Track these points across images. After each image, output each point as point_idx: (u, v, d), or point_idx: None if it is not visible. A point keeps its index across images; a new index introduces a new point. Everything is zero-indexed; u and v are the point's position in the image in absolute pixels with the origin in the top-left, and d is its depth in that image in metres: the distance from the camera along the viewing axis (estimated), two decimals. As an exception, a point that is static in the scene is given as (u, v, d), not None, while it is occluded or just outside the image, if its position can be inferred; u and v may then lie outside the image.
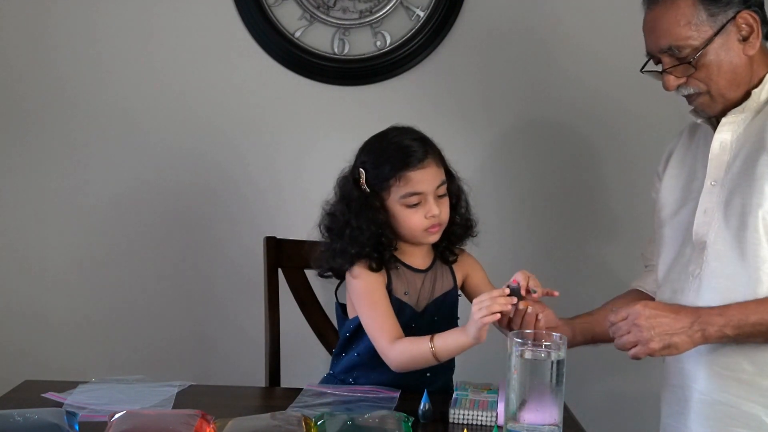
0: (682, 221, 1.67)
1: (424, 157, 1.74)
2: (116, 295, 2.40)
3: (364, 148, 1.81)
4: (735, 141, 1.58)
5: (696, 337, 1.47)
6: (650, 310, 1.48)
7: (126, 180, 2.39)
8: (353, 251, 1.76)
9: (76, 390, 1.71)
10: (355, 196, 1.77)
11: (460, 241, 1.87)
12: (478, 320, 1.56)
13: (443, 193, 1.78)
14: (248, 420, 1.44)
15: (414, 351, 1.68)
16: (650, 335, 1.45)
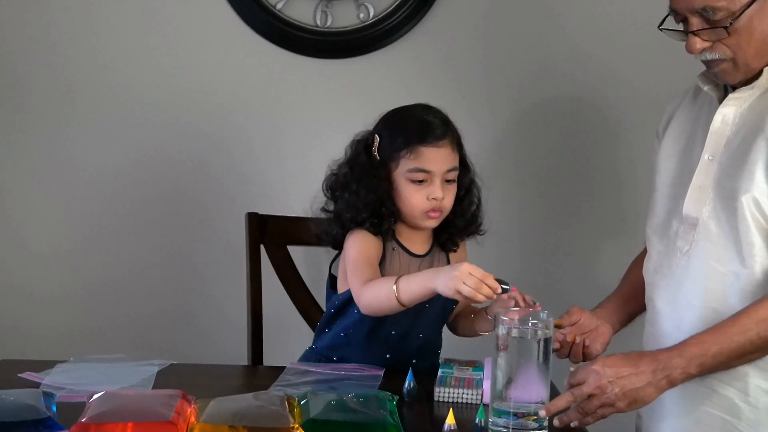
0: (673, 191, 1.62)
1: (442, 136, 1.70)
2: (96, 273, 2.36)
3: (384, 117, 1.78)
4: (738, 117, 1.53)
5: (662, 385, 1.42)
6: (610, 370, 1.40)
7: (106, 158, 2.34)
8: (348, 216, 1.73)
9: (54, 370, 1.67)
10: (362, 161, 1.74)
11: (462, 234, 1.83)
12: (456, 287, 1.48)
13: (452, 179, 1.74)
14: (230, 400, 1.41)
15: (379, 288, 1.62)
16: (615, 396, 1.39)
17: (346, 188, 1.74)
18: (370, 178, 1.72)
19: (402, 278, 1.60)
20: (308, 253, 2.26)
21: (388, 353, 1.76)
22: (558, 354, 1.64)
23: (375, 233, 1.73)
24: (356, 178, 1.73)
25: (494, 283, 1.49)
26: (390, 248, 1.77)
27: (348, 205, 1.73)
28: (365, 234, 1.73)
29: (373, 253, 1.73)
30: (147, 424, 1.30)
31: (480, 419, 1.39)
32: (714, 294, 1.50)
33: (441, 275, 1.54)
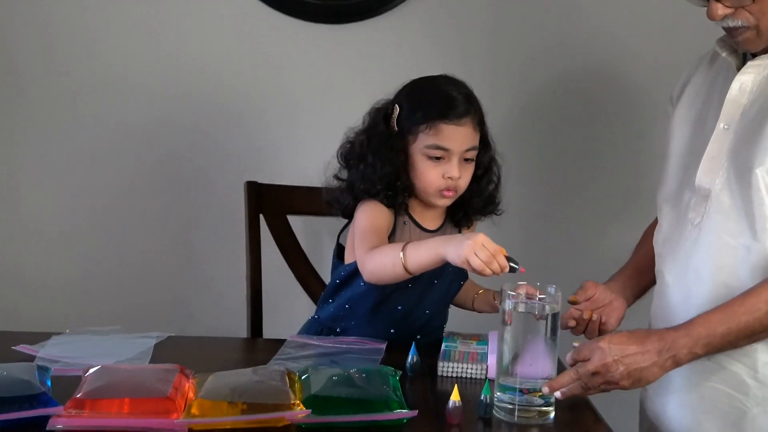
0: (686, 160, 1.58)
1: (464, 114, 1.64)
2: (92, 243, 2.31)
3: (407, 87, 1.72)
4: (756, 85, 1.47)
5: (667, 365, 1.39)
6: (616, 348, 1.37)
7: (103, 129, 2.28)
8: (361, 187, 1.68)
9: (49, 342, 1.64)
10: (380, 132, 1.69)
11: (478, 214, 1.78)
12: (467, 257, 1.42)
13: (470, 158, 1.68)
14: (229, 375, 1.38)
15: (385, 255, 1.57)
16: (620, 374, 1.37)
17: (361, 159, 1.69)
18: (387, 149, 1.66)
19: (410, 245, 1.54)
20: (308, 223, 2.23)
21: (393, 328, 1.73)
22: (573, 331, 1.62)
23: (388, 205, 1.69)
24: (373, 148, 1.68)
25: (504, 261, 1.43)
26: (401, 222, 1.72)
27: (363, 177, 1.68)
28: (377, 204, 1.68)
29: (384, 224, 1.68)
30: (144, 400, 1.27)
31: (485, 395, 1.36)
32: (724, 268, 1.46)
33: (452, 243, 1.48)
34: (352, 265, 1.71)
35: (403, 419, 1.31)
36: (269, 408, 1.27)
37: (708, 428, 1.49)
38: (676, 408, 1.55)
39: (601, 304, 1.61)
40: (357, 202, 1.71)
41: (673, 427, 1.55)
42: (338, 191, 1.74)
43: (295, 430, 1.28)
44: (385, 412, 1.30)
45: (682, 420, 1.53)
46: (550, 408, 1.38)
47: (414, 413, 1.30)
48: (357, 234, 1.67)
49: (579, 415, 1.42)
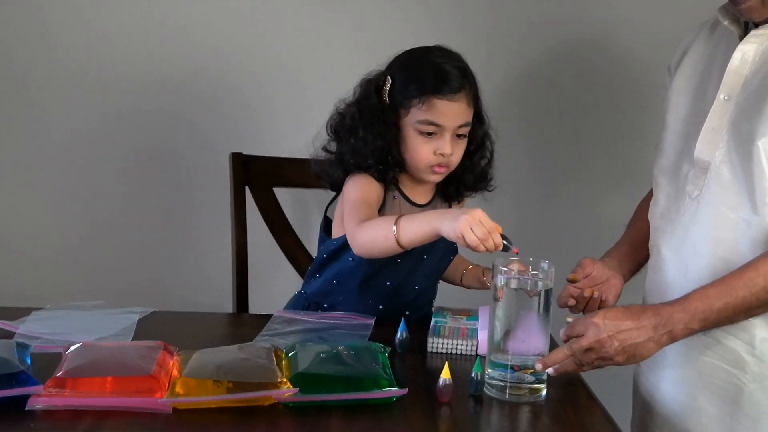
0: (684, 131, 1.54)
1: (458, 89, 1.59)
2: (73, 216, 2.26)
3: (400, 58, 1.66)
4: (759, 55, 1.43)
5: (663, 341, 1.36)
6: (611, 323, 1.34)
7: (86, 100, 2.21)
8: (352, 161, 1.64)
9: (30, 318, 1.60)
10: (372, 104, 1.64)
11: (470, 190, 1.75)
12: (463, 232, 1.37)
13: (463, 134, 1.64)
14: (214, 352, 1.35)
15: (377, 228, 1.52)
16: (614, 350, 1.34)
17: (352, 132, 1.64)
18: (378, 122, 1.62)
19: (403, 218, 1.49)
20: (296, 196, 2.19)
21: (381, 304, 1.70)
22: (573, 309, 1.59)
23: (378, 179, 1.65)
24: (364, 121, 1.63)
25: (499, 239, 1.39)
26: (391, 196, 1.69)
27: (353, 150, 1.64)
28: (367, 177, 1.64)
29: (374, 197, 1.64)
30: (127, 378, 1.25)
31: (476, 373, 1.34)
32: (723, 242, 1.43)
33: (447, 217, 1.42)
34: (340, 239, 1.67)
35: (393, 397, 1.28)
36: (255, 386, 1.24)
37: (704, 404, 1.47)
38: (671, 384, 1.53)
39: (599, 281, 1.58)
40: (346, 175, 1.67)
41: (667, 403, 1.53)
42: (327, 164, 1.70)
43: (282, 408, 1.25)
44: (375, 390, 1.27)
45: (677, 396, 1.52)
46: (542, 385, 1.36)
47: (404, 391, 1.28)
48: (346, 207, 1.63)
49: (571, 393, 1.40)
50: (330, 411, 1.25)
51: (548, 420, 1.30)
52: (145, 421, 1.20)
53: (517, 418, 1.30)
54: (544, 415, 1.31)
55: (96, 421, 1.18)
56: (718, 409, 1.46)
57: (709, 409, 1.47)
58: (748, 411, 1.43)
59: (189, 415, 1.22)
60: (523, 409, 1.32)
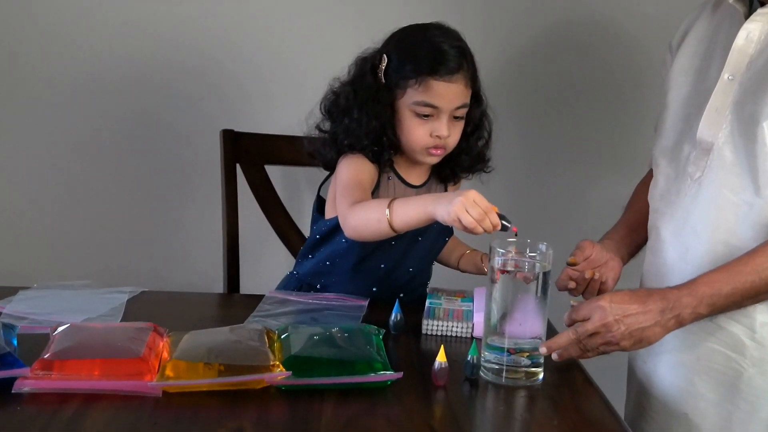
0: (686, 111, 1.51)
1: (456, 70, 1.55)
2: (62, 193, 2.22)
3: (396, 35, 1.61)
4: (765, 35, 1.40)
5: (670, 325, 1.34)
6: (617, 307, 1.32)
7: (75, 74, 2.17)
8: (346, 142, 1.61)
9: (16, 297, 1.57)
10: (367, 84, 1.60)
11: (466, 172, 1.71)
12: (458, 214, 1.33)
13: (460, 116, 1.60)
14: (205, 334, 1.33)
15: (369, 209, 1.48)
16: (621, 334, 1.32)
17: (346, 112, 1.60)
18: (373, 102, 1.58)
19: (396, 201, 1.45)
20: (287, 174, 2.15)
21: (375, 286, 1.68)
22: (572, 292, 1.56)
23: (372, 161, 1.61)
24: (359, 101, 1.59)
25: (496, 219, 1.35)
26: (385, 177, 1.65)
27: (348, 131, 1.60)
28: (361, 158, 1.61)
29: (367, 178, 1.61)
30: (116, 361, 1.22)
31: (472, 356, 1.32)
32: (724, 224, 1.41)
33: (442, 200, 1.38)
34: (333, 220, 1.64)
35: (387, 381, 1.26)
36: (247, 370, 1.22)
37: (702, 389, 1.46)
38: (668, 368, 1.51)
39: (598, 263, 1.55)
40: (339, 155, 1.63)
41: (664, 387, 1.52)
42: (320, 143, 1.67)
43: (275, 392, 1.23)
44: (369, 374, 1.25)
45: (674, 380, 1.50)
46: (539, 369, 1.34)
47: (399, 375, 1.26)
48: (339, 187, 1.60)
49: (568, 377, 1.38)
50: (323, 395, 1.22)
51: (545, 404, 1.28)
52: (135, 404, 1.17)
53: (514, 402, 1.28)
54: (540, 399, 1.29)
55: (84, 405, 1.16)
56: (716, 393, 1.44)
57: (707, 393, 1.45)
58: (746, 396, 1.42)
59: (179, 398, 1.19)
60: (520, 393, 1.30)
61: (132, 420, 1.14)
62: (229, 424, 1.13)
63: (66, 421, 1.12)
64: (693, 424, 1.47)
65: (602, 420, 1.24)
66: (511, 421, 1.24)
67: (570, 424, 1.21)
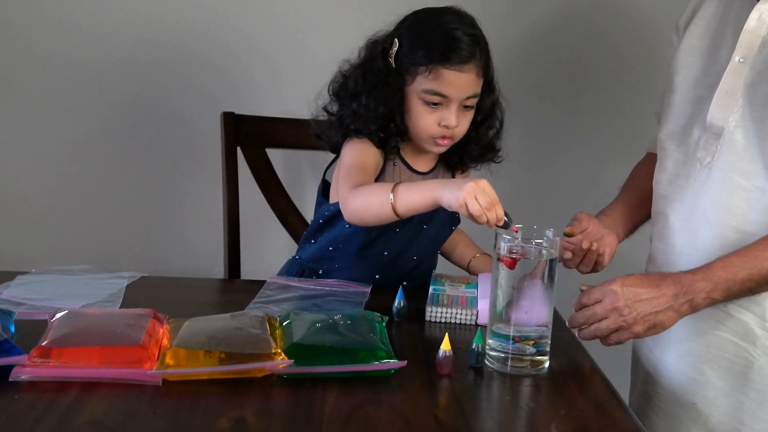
0: (695, 94, 1.48)
1: (468, 59, 1.51)
2: (60, 176, 2.20)
3: (408, 19, 1.58)
4: None
5: (683, 310, 1.33)
6: (629, 289, 1.31)
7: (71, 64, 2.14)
8: (352, 126, 1.58)
9: (14, 282, 1.55)
10: (377, 68, 1.57)
11: (475, 162, 1.68)
12: (466, 200, 1.31)
13: (470, 105, 1.57)
14: (206, 321, 1.31)
15: (372, 193, 1.46)
16: (633, 319, 1.30)
17: (355, 96, 1.57)
18: (383, 87, 1.55)
19: (401, 185, 1.42)
20: (289, 157, 2.13)
21: (378, 273, 1.66)
22: (569, 263, 1.52)
23: (378, 146, 1.59)
24: (368, 86, 1.56)
25: (501, 212, 1.32)
26: (391, 163, 1.63)
27: (355, 115, 1.57)
28: (367, 142, 1.58)
29: (372, 163, 1.58)
30: (115, 348, 1.20)
31: (477, 344, 1.29)
32: (735, 210, 1.39)
33: (450, 186, 1.36)
34: (337, 204, 1.62)
35: (391, 369, 1.24)
36: (249, 358, 1.20)
37: (712, 378, 1.44)
38: (676, 358, 1.49)
39: (595, 238, 1.52)
40: (346, 138, 1.61)
41: (672, 376, 1.50)
42: (327, 125, 1.64)
43: (276, 380, 1.21)
44: (373, 362, 1.23)
45: (683, 370, 1.48)
46: (545, 357, 1.32)
47: (402, 364, 1.24)
48: (342, 170, 1.57)
49: (574, 365, 1.35)
50: (326, 383, 1.20)
51: (551, 393, 1.26)
52: (134, 392, 1.15)
53: (519, 391, 1.26)
54: (546, 387, 1.27)
55: (82, 393, 1.14)
56: (726, 382, 1.43)
57: (717, 382, 1.44)
58: (757, 385, 1.40)
59: (179, 386, 1.17)
60: (525, 382, 1.28)
61: (131, 408, 1.11)
62: (230, 413, 1.11)
63: (64, 409, 1.10)
64: (702, 413, 1.45)
65: (609, 408, 1.22)
66: (517, 410, 1.22)
67: (577, 413, 1.19)
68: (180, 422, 1.09)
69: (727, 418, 1.43)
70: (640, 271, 1.60)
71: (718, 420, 1.43)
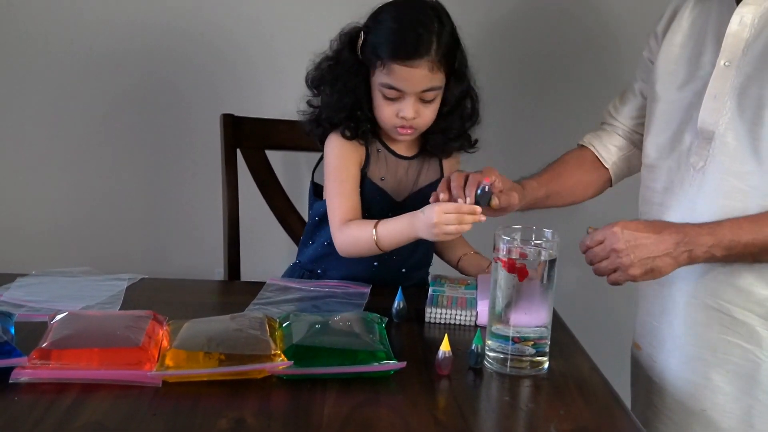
0: (683, 101, 1.48)
1: (419, 55, 1.51)
2: (60, 178, 2.20)
3: (375, 12, 1.59)
4: (758, 18, 1.38)
5: (681, 259, 1.33)
6: (630, 233, 1.32)
7: (73, 63, 2.14)
8: (323, 116, 1.61)
9: (14, 284, 1.55)
10: (345, 59, 1.59)
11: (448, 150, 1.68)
12: (441, 233, 1.42)
13: (430, 99, 1.57)
14: (205, 322, 1.31)
15: (358, 234, 1.54)
16: (630, 260, 1.31)
17: (326, 85, 1.61)
18: (349, 77, 1.58)
19: (380, 224, 1.52)
20: (288, 159, 2.13)
21: (376, 261, 1.65)
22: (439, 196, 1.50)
23: (351, 137, 1.61)
24: (337, 75, 1.59)
25: (471, 207, 1.41)
26: (375, 149, 1.65)
27: (326, 105, 1.61)
28: (341, 144, 1.61)
29: (352, 168, 1.62)
30: (115, 350, 1.20)
31: (476, 345, 1.30)
32: (732, 212, 1.38)
33: (420, 224, 1.46)
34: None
35: (391, 371, 1.24)
36: (248, 359, 1.20)
37: (719, 383, 1.43)
38: (681, 364, 1.48)
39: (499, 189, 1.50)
40: (323, 131, 1.63)
41: (679, 385, 1.49)
42: (308, 120, 1.66)
43: (276, 381, 1.21)
44: (372, 363, 1.23)
45: (689, 376, 1.47)
46: (544, 358, 1.32)
47: (402, 365, 1.24)
48: (326, 174, 1.62)
49: (574, 366, 1.36)
50: (325, 384, 1.21)
51: (550, 394, 1.26)
52: (134, 394, 1.16)
53: (519, 392, 1.26)
54: (546, 388, 1.27)
55: (82, 395, 1.14)
56: (734, 387, 1.42)
57: (725, 387, 1.43)
58: (765, 387, 1.40)
59: (179, 388, 1.18)
60: (524, 383, 1.28)
61: (131, 410, 1.12)
62: (230, 414, 1.11)
63: (64, 411, 1.10)
64: (712, 420, 1.44)
65: (609, 409, 1.22)
66: (517, 410, 1.22)
67: (576, 414, 1.19)
68: (180, 424, 1.09)
69: (738, 423, 1.42)
70: None
71: (729, 425, 1.42)
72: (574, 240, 1.51)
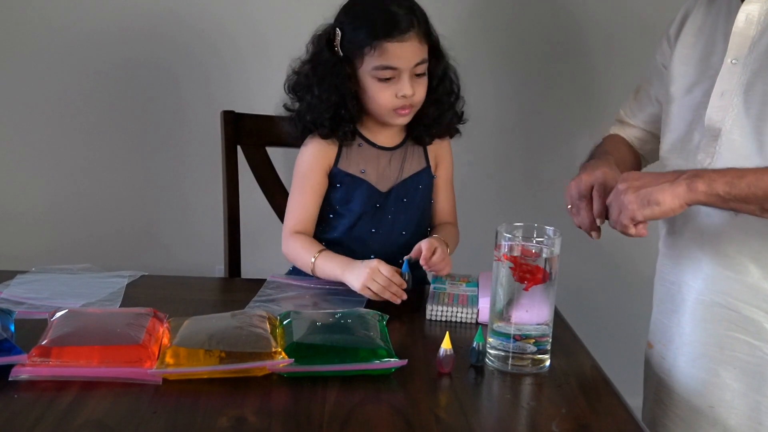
0: (693, 101, 1.48)
1: (407, 29, 1.56)
2: (60, 175, 2.20)
3: (345, 7, 1.63)
4: (764, 15, 1.37)
5: (680, 191, 1.28)
6: (628, 174, 1.34)
7: (72, 59, 2.14)
8: (309, 118, 1.63)
9: (14, 281, 1.55)
10: (325, 59, 1.61)
11: (438, 126, 1.70)
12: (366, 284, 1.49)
13: (422, 72, 1.61)
14: (206, 320, 1.31)
15: (301, 252, 1.63)
16: (628, 199, 1.29)
17: (308, 90, 1.63)
18: (333, 76, 1.60)
19: (321, 256, 1.59)
20: (288, 155, 2.12)
21: (372, 253, 1.65)
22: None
23: (329, 136, 1.64)
24: (319, 77, 1.61)
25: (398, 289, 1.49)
26: (355, 145, 1.67)
27: (310, 108, 1.63)
28: (318, 143, 1.65)
29: (318, 172, 1.66)
30: (115, 347, 1.20)
31: (478, 343, 1.29)
32: None
33: (355, 269, 1.52)
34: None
35: (392, 368, 1.24)
36: (249, 357, 1.20)
37: (727, 380, 1.42)
38: (689, 362, 1.47)
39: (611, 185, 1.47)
40: (305, 132, 1.66)
41: (687, 382, 1.47)
42: (288, 121, 1.69)
43: (277, 379, 1.21)
44: (373, 360, 1.23)
45: (697, 373, 1.46)
46: (545, 356, 1.32)
47: (403, 362, 1.24)
48: (293, 180, 1.69)
49: (576, 364, 1.35)
50: (326, 382, 1.21)
51: (552, 392, 1.25)
52: (134, 391, 1.15)
53: (520, 390, 1.25)
54: (547, 386, 1.27)
55: (82, 392, 1.14)
56: (742, 383, 1.41)
57: (733, 384, 1.41)
58: None
59: (179, 385, 1.18)
60: (526, 380, 1.28)
61: (131, 408, 1.12)
62: (231, 412, 1.11)
63: (64, 408, 1.10)
64: (720, 417, 1.43)
65: (611, 406, 1.22)
66: (518, 408, 1.22)
67: (578, 412, 1.18)
68: (180, 421, 1.09)
69: (746, 419, 1.40)
70: (649, 278, 1.61)
71: (737, 422, 1.41)
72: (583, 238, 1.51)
